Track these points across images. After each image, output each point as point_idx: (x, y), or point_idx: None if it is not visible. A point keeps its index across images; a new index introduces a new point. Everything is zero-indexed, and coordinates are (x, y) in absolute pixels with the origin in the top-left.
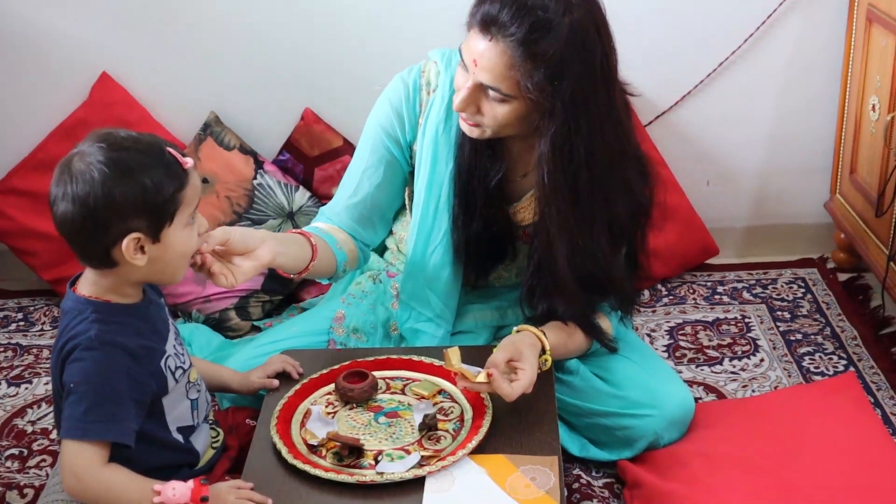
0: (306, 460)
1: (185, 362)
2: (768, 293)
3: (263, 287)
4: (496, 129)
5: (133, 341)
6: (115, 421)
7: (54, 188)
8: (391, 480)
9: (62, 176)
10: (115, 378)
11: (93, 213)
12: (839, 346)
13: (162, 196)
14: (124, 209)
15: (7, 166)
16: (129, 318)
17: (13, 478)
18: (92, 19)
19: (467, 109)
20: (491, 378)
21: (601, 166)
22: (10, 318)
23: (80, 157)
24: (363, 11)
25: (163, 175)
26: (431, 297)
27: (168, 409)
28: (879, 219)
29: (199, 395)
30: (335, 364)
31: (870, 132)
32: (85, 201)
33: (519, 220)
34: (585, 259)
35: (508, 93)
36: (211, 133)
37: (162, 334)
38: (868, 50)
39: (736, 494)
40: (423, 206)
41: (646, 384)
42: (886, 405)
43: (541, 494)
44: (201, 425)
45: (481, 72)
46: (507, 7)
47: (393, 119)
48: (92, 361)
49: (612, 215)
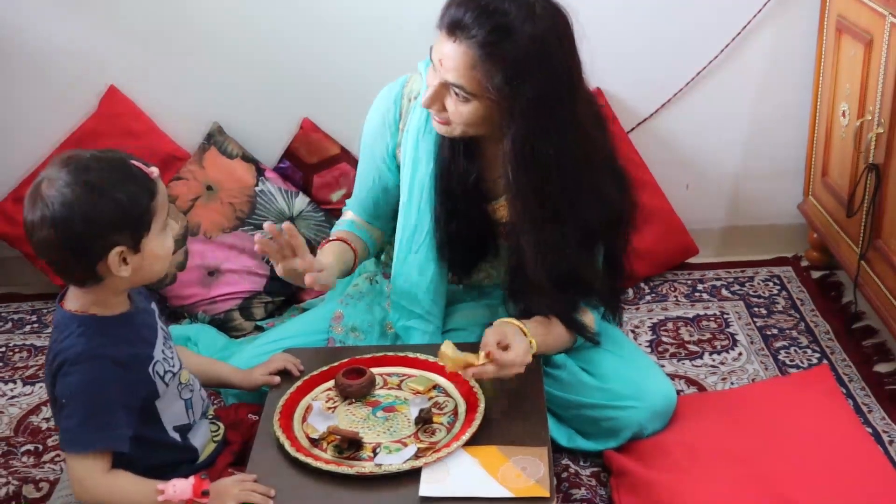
0: (308, 453)
1: (175, 365)
2: (745, 290)
3: (266, 289)
4: (464, 127)
5: (120, 350)
6: (108, 429)
7: (29, 216)
8: (388, 472)
9: (35, 203)
10: (103, 389)
11: (74, 235)
12: (813, 340)
13: (138, 208)
14: (104, 226)
15: (20, 176)
16: (115, 329)
17: (29, 472)
18: (100, 36)
19: (433, 106)
20: (491, 356)
21: (565, 171)
22: (25, 321)
23: (48, 184)
24: (359, 26)
25: (134, 188)
26: (418, 296)
27: (162, 410)
28: (850, 219)
29: (193, 394)
30: (334, 361)
31: (840, 137)
32: (64, 224)
33: (498, 218)
34: (556, 258)
35: (471, 91)
36: (214, 143)
37: (149, 341)
38: (838, 59)
39: (716, 481)
40: (405, 208)
41: (630, 377)
42: (858, 396)
43: (531, 483)
44: (199, 422)
45: (446, 71)
46: (471, 11)
47: (378, 128)
48: (80, 375)
49: (583, 220)
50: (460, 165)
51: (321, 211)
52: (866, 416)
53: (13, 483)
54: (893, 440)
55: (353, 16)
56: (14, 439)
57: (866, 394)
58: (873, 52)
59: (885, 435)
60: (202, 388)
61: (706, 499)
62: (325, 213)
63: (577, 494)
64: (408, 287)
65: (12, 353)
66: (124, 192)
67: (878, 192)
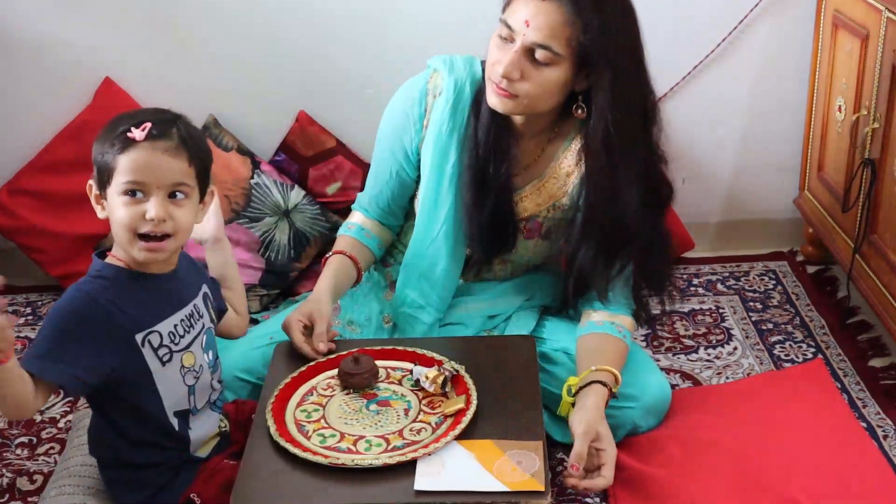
0: (289, 438)
1: (179, 344)
2: (741, 285)
3: (261, 281)
4: (531, 100)
5: (117, 305)
6: (49, 358)
7: None
8: (360, 466)
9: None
10: (75, 321)
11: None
12: (808, 334)
13: (101, 154)
14: (91, 161)
15: (15, 168)
16: (129, 284)
17: (23, 465)
18: (95, 28)
19: (512, 74)
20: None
21: (637, 126)
22: (20, 313)
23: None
24: (354, 19)
25: (110, 138)
26: (427, 287)
27: (161, 387)
28: (845, 214)
29: (198, 381)
30: (342, 351)
31: (836, 132)
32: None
33: (521, 210)
34: (619, 214)
35: (559, 51)
36: (210, 135)
37: (162, 310)
38: (834, 54)
39: (711, 476)
40: (424, 202)
41: (626, 376)
42: (852, 390)
43: (526, 477)
44: (202, 412)
45: (533, 31)
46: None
47: (401, 123)
48: (66, 300)
49: (645, 176)
50: (495, 155)
51: (317, 204)
52: (861, 411)
53: (7, 475)
54: (888, 435)
55: (349, 8)
56: (8, 431)
57: (861, 388)
58: (869, 46)
59: (880, 430)
60: (220, 380)
61: (701, 493)
62: (321, 205)
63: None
64: (417, 278)
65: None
66: (102, 139)
67: (873, 187)
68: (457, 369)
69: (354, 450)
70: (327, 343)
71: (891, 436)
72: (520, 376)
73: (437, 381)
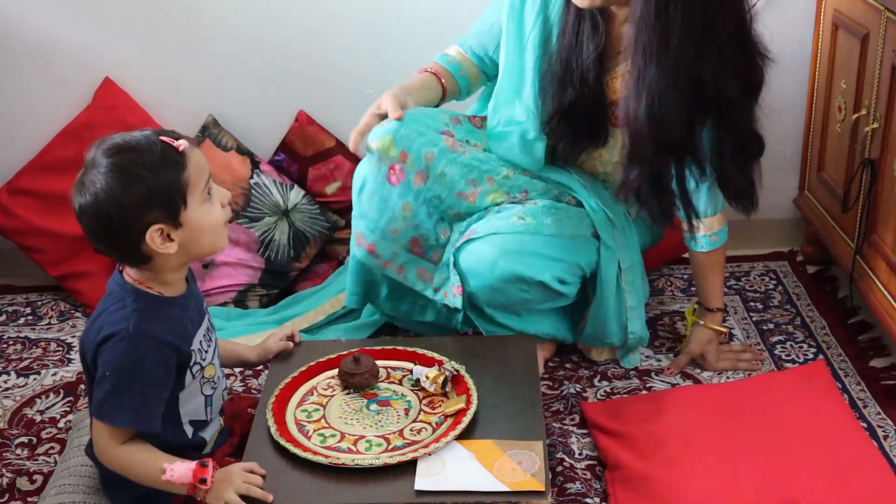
0: (290, 438)
1: (206, 358)
2: (742, 285)
3: (261, 281)
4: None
5: (168, 335)
6: (140, 411)
7: (74, 202)
8: (360, 466)
9: (78, 190)
10: (144, 370)
11: (110, 221)
12: (809, 334)
13: (165, 184)
14: (135, 208)
15: (15, 168)
16: (167, 311)
17: (23, 465)
18: (95, 28)
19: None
20: (469, 402)
21: (696, 23)
22: (20, 313)
23: (87, 170)
24: (353, 19)
25: (160, 164)
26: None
27: (182, 402)
28: (846, 214)
29: (215, 391)
30: (342, 351)
31: (836, 132)
32: (98, 210)
33: (610, 94)
34: (664, 110)
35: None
36: (209, 135)
37: (188, 333)
38: (834, 54)
39: (711, 475)
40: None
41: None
42: (853, 390)
43: (527, 477)
44: (214, 419)
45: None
46: None
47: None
48: (127, 353)
49: (700, 76)
50: (586, 33)
51: (316, 204)
52: (861, 411)
53: (7, 475)
54: (888, 435)
55: (349, 8)
56: (8, 431)
57: (861, 388)
58: (869, 46)
59: (880, 430)
60: (225, 387)
61: (701, 492)
62: (321, 205)
63: (572, 488)
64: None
65: (6, 346)
66: (149, 170)
67: (873, 187)
68: (457, 369)
69: (355, 450)
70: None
71: (891, 436)
72: (520, 376)
73: (437, 380)
